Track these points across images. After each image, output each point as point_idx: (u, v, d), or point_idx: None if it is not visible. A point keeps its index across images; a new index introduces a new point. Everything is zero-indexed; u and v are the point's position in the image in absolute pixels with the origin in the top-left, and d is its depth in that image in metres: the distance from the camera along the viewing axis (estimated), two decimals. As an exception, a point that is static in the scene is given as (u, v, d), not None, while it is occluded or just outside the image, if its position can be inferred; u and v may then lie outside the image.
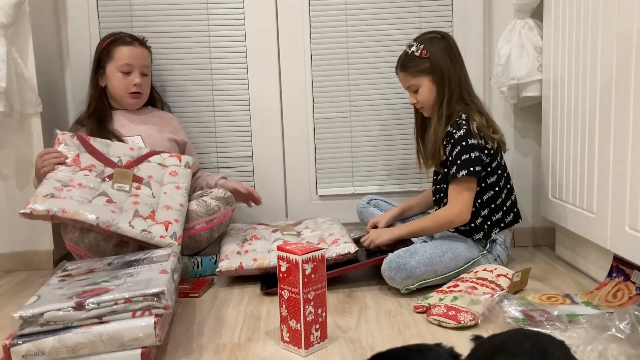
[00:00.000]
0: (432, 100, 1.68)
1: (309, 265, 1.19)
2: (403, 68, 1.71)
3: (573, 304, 1.41)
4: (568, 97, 1.68)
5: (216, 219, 1.77)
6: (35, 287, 1.68)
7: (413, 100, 1.72)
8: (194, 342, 1.29)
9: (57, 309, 1.11)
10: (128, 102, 1.87)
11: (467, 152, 1.58)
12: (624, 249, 1.42)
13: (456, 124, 1.61)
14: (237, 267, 1.63)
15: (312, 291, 1.21)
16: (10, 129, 1.86)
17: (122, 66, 1.82)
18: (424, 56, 1.66)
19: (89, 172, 1.64)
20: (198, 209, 1.75)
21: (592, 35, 1.52)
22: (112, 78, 1.84)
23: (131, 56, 1.83)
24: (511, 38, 1.88)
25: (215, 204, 1.77)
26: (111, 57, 1.83)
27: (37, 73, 1.84)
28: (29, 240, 1.91)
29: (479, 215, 1.67)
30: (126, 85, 1.83)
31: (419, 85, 1.69)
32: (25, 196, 1.88)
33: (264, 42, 2.04)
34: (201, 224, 1.74)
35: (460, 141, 1.59)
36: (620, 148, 1.40)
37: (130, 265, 1.38)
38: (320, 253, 1.22)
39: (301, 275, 1.18)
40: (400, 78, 1.74)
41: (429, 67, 1.66)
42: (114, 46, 1.83)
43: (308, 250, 1.20)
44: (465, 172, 1.57)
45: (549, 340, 0.88)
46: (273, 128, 2.08)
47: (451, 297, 1.41)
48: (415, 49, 1.66)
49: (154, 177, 1.72)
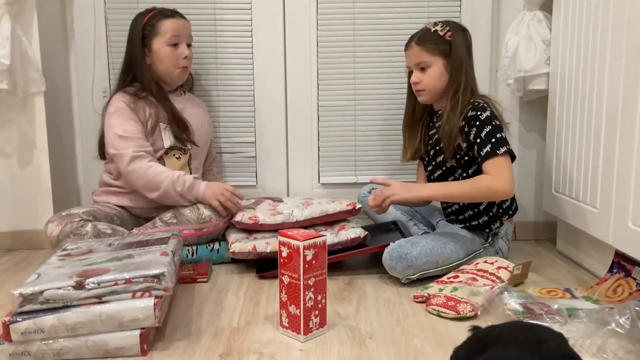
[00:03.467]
0: (438, 86, 1.64)
1: (310, 252, 1.19)
2: (421, 42, 1.63)
3: (573, 299, 1.41)
4: (575, 92, 1.67)
5: (206, 228, 1.71)
6: (35, 266, 1.69)
7: (417, 79, 1.65)
8: (192, 325, 1.30)
9: (57, 288, 1.11)
10: (176, 77, 1.81)
11: (499, 132, 1.55)
12: (625, 245, 1.42)
13: (479, 107, 1.57)
14: (251, 249, 1.62)
15: (313, 277, 1.21)
16: (13, 107, 1.86)
17: (170, 39, 1.76)
18: (447, 38, 1.62)
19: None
20: (190, 215, 1.70)
21: (602, 30, 1.51)
22: (161, 53, 1.77)
23: (178, 28, 1.78)
24: (519, 30, 1.87)
25: (208, 214, 1.71)
26: (156, 32, 1.76)
27: (41, 52, 1.83)
28: (30, 219, 1.91)
29: (494, 203, 1.65)
30: (176, 60, 1.78)
31: (430, 65, 1.63)
32: (26, 175, 1.89)
33: (270, 28, 2.02)
34: (189, 230, 1.69)
35: (490, 121, 1.55)
36: (625, 144, 1.39)
37: (131, 246, 1.38)
38: (322, 240, 1.22)
39: (302, 261, 1.18)
40: (412, 52, 1.66)
41: (447, 51, 1.62)
42: (157, 20, 1.77)
43: (310, 237, 1.20)
44: (504, 149, 1.52)
45: (546, 332, 0.88)
46: (277, 115, 2.07)
47: (451, 287, 1.41)
48: (440, 29, 1.62)
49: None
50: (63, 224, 1.62)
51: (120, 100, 1.74)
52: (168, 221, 1.70)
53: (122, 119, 1.72)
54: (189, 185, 1.69)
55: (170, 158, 1.80)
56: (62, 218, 1.64)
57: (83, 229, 1.61)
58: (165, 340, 1.22)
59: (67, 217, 1.64)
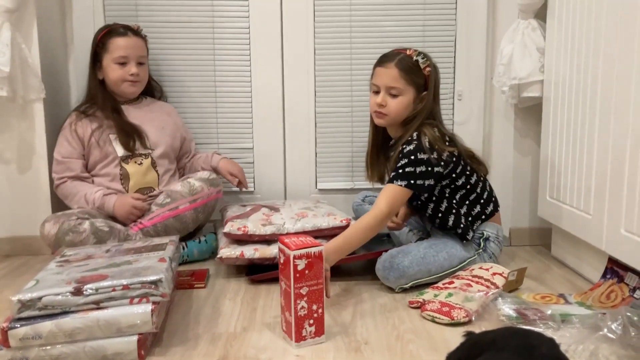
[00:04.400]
0: (402, 115, 1.60)
1: (302, 261, 1.18)
2: (402, 67, 1.57)
3: (567, 304, 1.43)
4: (569, 99, 1.68)
5: (200, 199, 1.78)
6: (33, 271, 1.70)
7: (383, 101, 1.59)
8: (190, 330, 1.31)
9: (55, 294, 1.12)
10: (126, 91, 1.86)
11: (413, 166, 1.53)
12: (618, 251, 1.43)
13: (407, 142, 1.57)
14: (239, 256, 1.64)
15: (306, 287, 1.19)
16: (12, 113, 1.87)
17: (117, 58, 1.81)
18: (425, 72, 1.59)
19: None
20: (182, 189, 1.77)
21: (595, 38, 1.53)
22: (109, 70, 1.82)
23: (126, 47, 1.82)
24: (514, 38, 1.89)
25: (199, 184, 1.79)
26: (106, 49, 1.82)
27: (40, 59, 1.85)
28: (29, 225, 1.91)
29: (460, 215, 1.63)
30: (122, 75, 1.82)
31: (402, 93, 1.58)
32: (25, 181, 1.90)
33: (268, 35, 2.04)
34: (185, 204, 1.76)
35: (409, 155, 1.53)
36: (618, 151, 1.41)
37: (129, 252, 1.39)
38: (317, 250, 1.19)
39: (292, 270, 1.17)
40: (387, 72, 1.58)
41: (420, 85, 1.59)
42: (108, 38, 1.82)
43: (303, 246, 1.18)
44: (405, 183, 1.51)
45: (538, 338, 0.90)
46: (275, 121, 2.08)
47: (446, 293, 1.42)
48: (422, 61, 1.58)
49: None
50: (60, 222, 1.64)
51: (68, 120, 1.85)
52: (163, 203, 1.76)
53: (62, 139, 1.83)
54: (99, 205, 1.76)
55: (132, 165, 1.84)
56: (58, 217, 1.67)
57: (80, 227, 1.62)
58: (162, 346, 1.23)
59: (63, 216, 1.66)
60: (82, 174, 1.83)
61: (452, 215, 1.63)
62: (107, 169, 1.82)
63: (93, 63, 1.85)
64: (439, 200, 1.64)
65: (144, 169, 1.84)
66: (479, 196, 1.68)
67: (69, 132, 1.82)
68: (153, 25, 1.99)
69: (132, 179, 1.83)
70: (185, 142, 2.00)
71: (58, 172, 1.82)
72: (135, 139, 1.83)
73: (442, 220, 1.64)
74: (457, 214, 1.63)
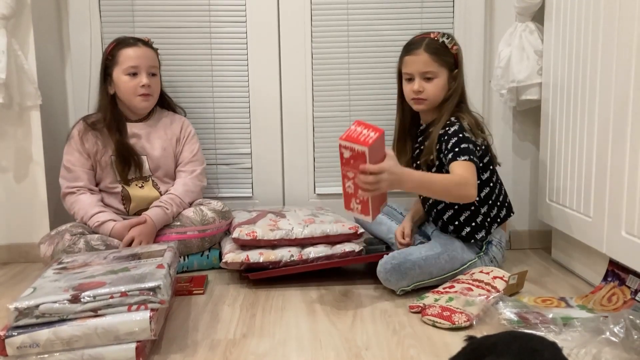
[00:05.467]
0: (440, 97, 1.64)
1: (347, 152, 1.30)
2: (431, 51, 1.60)
3: (568, 307, 1.42)
4: (567, 101, 1.68)
5: (209, 230, 1.78)
6: (31, 279, 1.68)
7: (420, 87, 1.62)
8: (188, 337, 1.30)
9: (52, 301, 1.11)
10: (138, 107, 1.81)
11: (465, 142, 1.54)
12: (619, 253, 1.42)
13: (448, 124, 1.60)
14: (244, 260, 1.63)
15: (352, 172, 1.32)
16: (9, 120, 1.86)
17: (127, 68, 1.77)
18: (453, 51, 1.63)
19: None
20: (194, 217, 1.77)
21: (593, 40, 1.52)
22: (119, 82, 1.78)
23: (136, 57, 1.77)
24: (512, 41, 1.89)
25: (211, 215, 1.79)
26: (116, 62, 1.78)
27: (37, 65, 1.84)
28: (26, 233, 1.91)
29: (479, 213, 1.65)
30: (134, 88, 1.77)
31: (437, 75, 1.62)
32: (22, 188, 1.89)
33: (265, 40, 2.04)
34: (194, 232, 1.76)
35: (456, 134, 1.56)
36: (618, 153, 1.41)
37: (127, 259, 1.38)
38: (361, 149, 1.27)
39: (340, 156, 1.32)
40: (418, 59, 1.61)
41: (452, 64, 1.64)
42: (118, 50, 1.78)
43: (351, 140, 1.28)
44: (467, 157, 1.51)
45: (539, 341, 0.89)
46: (272, 125, 2.08)
47: (446, 297, 1.42)
48: (447, 41, 1.62)
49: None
50: (55, 244, 1.65)
51: (76, 129, 1.82)
52: (171, 223, 1.76)
53: (70, 148, 1.80)
54: (96, 227, 1.72)
55: (133, 187, 1.83)
56: (52, 238, 1.68)
57: (76, 246, 1.63)
58: (161, 353, 1.22)
59: (56, 236, 1.67)
60: (90, 185, 1.80)
61: (468, 212, 1.63)
62: (109, 188, 1.82)
63: (104, 78, 1.81)
64: None
65: (145, 191, 1.84)
66: (497, 198, 1.69)
67: (79, 141, 1.79)
68: (150, 31, 1.99)
69: (134, 201, 1.83)
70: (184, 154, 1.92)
71: (67, 179, 1.78)
72: (131, 166, 1.81)
73: (453, 217, 1.64)
74: (475, 211, 1.63)
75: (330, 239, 1.71)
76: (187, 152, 1.90)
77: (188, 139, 1.91)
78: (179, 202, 1.80)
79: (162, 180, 1.88)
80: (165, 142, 1.87)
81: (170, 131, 1.89)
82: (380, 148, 1.33)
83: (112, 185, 1.82)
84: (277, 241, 1.68)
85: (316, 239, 1.70)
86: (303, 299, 1.54)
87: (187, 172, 1.88)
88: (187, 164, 1.89)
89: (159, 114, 1.90)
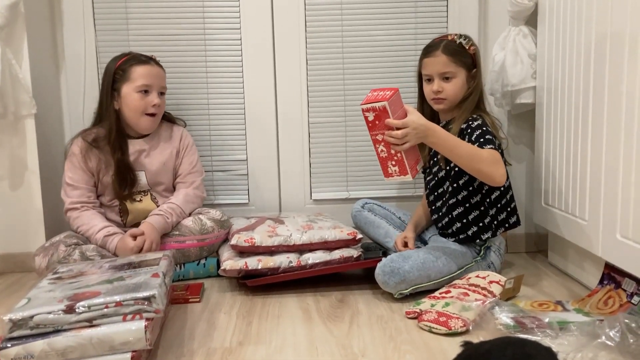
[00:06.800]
0: (459, 96, 1.67)
1: (370, 114, 1.42)
2: (450, 52, 1.64)
3: (564, 311, 1.42)
4: (561, 105, 1.68)
5: (208, 239, 1.78)
6: (26, 289, 1.68)
7: (440, 87, 1.65)
8: (184, 346, 1.29)
9: (47, 312, 1.11)
10: (142, 125, 1.80)
11: (489, 134, 1.57)
12: (615, 257, 1.42)
13: (471, 119, 1.63)
14: (242, 267, 1.63)
15: (380, 134, 1.43)
16: (4, 130, 1.86)
17: (140, 86, 1.75)
18: (470, 51, 1.67)
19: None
20: (193, 226, 1.77)
21: (586, 43, 1.53)
22: (129, 99, 1.76)
23: (150, 75, 1.76)
24: (506, 45, 1.89)
25: (211, 225, 1.79)
26: (127, 78, 1.75)
27: (31, 74, 1.84)
28: (21, 242, 1.90)
29: (487, 214, 1.66)
30: (144, 106, 1.76)
31: (455, 75, 1.65)
32: (17, 197, 1.89)
33: (260, 46, 2.04)
34: (192, 241, 1.76)
35: (480, 127, 1.59)
36: (612, 156, 1.41)
37: (122, 268, 1.38)
38: (381, 105, 1.39)
39: (365, 120, 1.44)
40: (437, 60, 1.65)
41: (470, 64, 1.67)
42: (130, 65, 1.76)
43: (369, 101, 1.41)
44: (492, 146, 1.53)
45: (534, 347, 0.89)
46: (268, 132, 2.08)
47: (443, 303, 1.41)
48: (465, 42, 1.66)
49: None
50: (49, 255, 1.64)
51: (77, 145, 1.80)
52: (170, 232, 1.76)
53: (71, 165, 1.79)
54: (101, 243, 1.70)
55: (133, 203, 1.84)
56: (46, 250, 1.67)
57: (70, 258, 1.63)
58: (157, 363, 1.21)
59: (51, 248, 1.67)
60: (93, 201, 1.80)
61: (477, 212, 1.65)
62: (108, 202, 1.82)
63: (111, 92, 1.78)
64: (475, 191, 1.65)
65: (143, 204, 1.84)
66: (507, 203, 1.70)
67: (82, 159, 1.77)
68: (145, 39, 2.00)
69: (131, 214, 1.84)
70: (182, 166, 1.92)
71: (70, 196, 1.77)
72: (127, 184, 1.80)
73: (462, 215, 1.66)
74: (484, 212, 1.65)
75: (329, 245, 1.71)
76: (187, 164, 1.90)
77: (187, 151, 1.91)
78: (179, 212, 1.80)
79: (161, 194, 1.88)
80: (165, 156, 1.87)
81: (170, 145, 1.89)
82: (399, 103, 1.45)
83: (111, 200, 1.83)
84: (276, 247, 1.68)
85: (314, 244, 1.70)
86: (299, 305, 1.54)
87: (186, 184, 1.88)
88: (187, 176, 1.89)
89: (157, 128, 1.88)
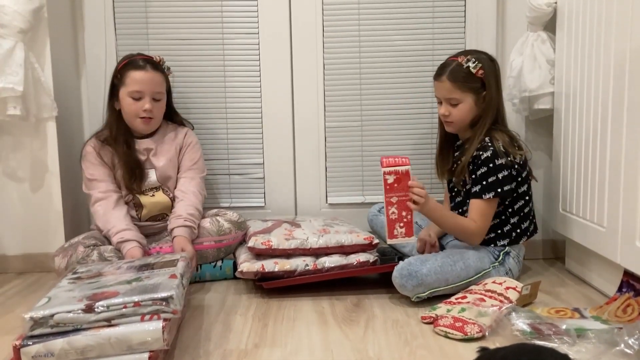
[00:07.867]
0: (467, 120, 1.67)
1: (391, 177, 1.49)
2: (454, 78, 1.63)
3: (582, 318, 1.40)
4: (580, 110, 1.67)
5: (225, 240, 1.80)
6: (46, 289, 1.70)
7: (446, 112, 1.66)
8: (201, 347, 1.30)
9: (67, 311, 1.12)
10: (138, 127, 1.82)
11: (495, 174, 1.59)
12: (634, 264, 1.41)
13: (482, 147, 1.62)
14: (259, 269, 1.64)
15: (395, 197, 1.50)
16: (26, 132, 1.89)
17: (132, 92, 1.77)
18: (478, 75, 1.63)
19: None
20: (210, 227, 1.80)
21: (605, 49, 1.52)
22: (123, 102, 1.79)
23: (142, 82, 1.77)
24: (524, 50, 1.88)
25: (228, 226, 1.81)
26: (123, 82, 1.79)
27: (53, 78, 1.87)
28: (41, 243, 1.93)
29: (508, 222, 1.67)
30: (136, 110, 1.78)
31: (461, 101, 1.64)
32: (38, 198, 1.92)
33: (277, 51, 2.05)
34: (210, 242, 1.78)
35: (488, 162, 1.60)
36: (631, 162, 1.39)
37: (140, 269, 1.39)
38: (404, 169, 1.49)
39: (384, 182, 1.51)
40: (442, 86, 1.66)
41: (478, 88, 1.64)
42: (126, 70, 1.79)
43: (394, 164, 1.49)
44: (492, 194, 1.59)
45: (550, 354, 0.88)
46: (284, 136, 2.09)
47: (459, 308, 1.41)
48: (472, 66, 1.62)
49: None
50: (68, 256, 1.67)
51: (90, 145, 1.83)
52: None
53: (89, 163, 1.81)
54: (116, 244, 1.70)
55: (146, 197, 1.86)
56: (65, 250, 1.70)
57: (89, 259, 1.65)
58: (173, 363, 1.22)
59: (70, 249, 1.69)
60: (116, 194, 1.80)
61: (497, 220, 1.66)
62: (122, 197, 1.84)
63: (111, 93, 1.83)
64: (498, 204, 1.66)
65: (156, 198, 1.87)
66: (530, 211, 1.72)
67: (97, 156, 1.80)
68: (163, 44, 2.02)
69: (146, 208, 1.86)
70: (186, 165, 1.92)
71: (95, 188, 1.79)
72: (137, 179, 1.82)
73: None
74: (504, 220, 1.67)
75: (345, 249, 1.71)
76: (187, 160, 1.90)
77: (189, 148, 1.92)
78: (197, 215, 1.82)
79: (172, 188, 1.90)
80: (171, 153, 1.89)
81: (174, 143, 1.91)
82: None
83: (125, 196, 1.84)
84: (292, 250, 1.69)
85: (331, 248, 1.71)
86: (315, 308, 1.54)
87: (187, 179, 1.88)
88: (187, 171, 1.89)
89: (164, 128, 1.91)
